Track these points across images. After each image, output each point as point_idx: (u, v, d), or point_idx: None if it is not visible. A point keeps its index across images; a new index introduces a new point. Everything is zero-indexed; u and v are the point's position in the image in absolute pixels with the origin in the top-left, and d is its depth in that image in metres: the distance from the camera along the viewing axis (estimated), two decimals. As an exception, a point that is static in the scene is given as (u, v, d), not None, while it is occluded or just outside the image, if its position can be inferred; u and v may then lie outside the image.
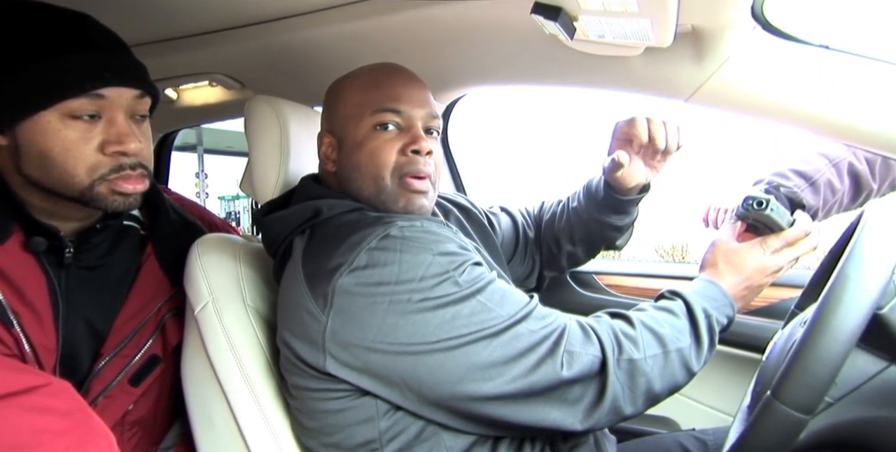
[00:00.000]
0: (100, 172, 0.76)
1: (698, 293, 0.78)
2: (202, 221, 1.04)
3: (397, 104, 0.82)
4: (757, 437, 0.60)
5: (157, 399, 0.93)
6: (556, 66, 1.05)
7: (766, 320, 1.26)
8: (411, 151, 0.81)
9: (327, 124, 0.88)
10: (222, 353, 0.83)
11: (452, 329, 0.68)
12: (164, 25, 1.07)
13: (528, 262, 1.12)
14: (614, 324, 0.73)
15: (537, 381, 0.67)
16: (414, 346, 0.68)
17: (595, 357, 0.68)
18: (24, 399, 0.64)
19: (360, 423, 0.73)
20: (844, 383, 0.61)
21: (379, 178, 0.81)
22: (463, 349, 0.67)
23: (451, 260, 0.71)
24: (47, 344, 0.80)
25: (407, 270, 0.69)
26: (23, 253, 0.79)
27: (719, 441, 0.93)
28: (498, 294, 0.71)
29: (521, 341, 0.68)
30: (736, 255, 0.81)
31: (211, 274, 0.87)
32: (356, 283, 0.70)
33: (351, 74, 0.89)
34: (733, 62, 0.86)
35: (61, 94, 0.72)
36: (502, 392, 0.67)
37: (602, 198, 1.00)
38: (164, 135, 1.74)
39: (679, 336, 0.73)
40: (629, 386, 0.69)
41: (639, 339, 0.71)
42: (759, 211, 0.84)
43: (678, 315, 0.75)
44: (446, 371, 0.67)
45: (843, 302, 0.57)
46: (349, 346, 0.70)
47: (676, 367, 0.71)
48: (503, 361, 0.67)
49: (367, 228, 0.73)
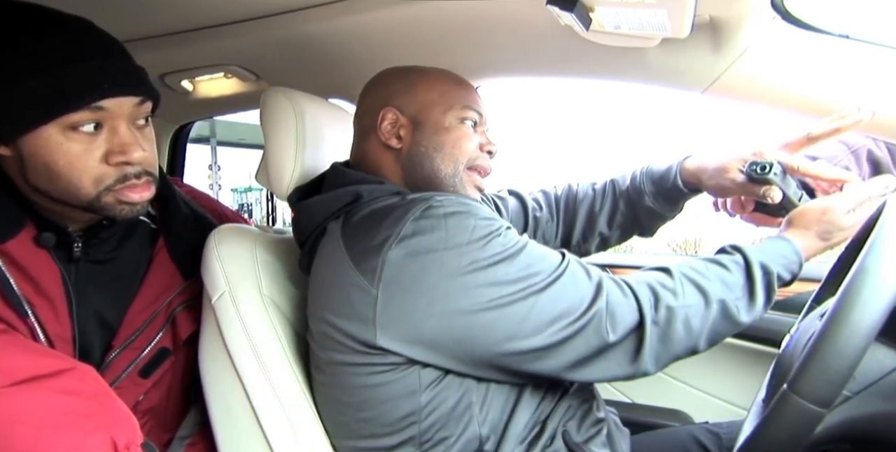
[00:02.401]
0: (105, 183, 0.75)
1: (763, 249, 0.80)
2: (214, 214, 1.04)
3: (479, 108, 0.90)
4: (773, 430, 0.59)
5: (168, 389, 0.94)
6: (571, 57, 1.05)
7: (781, 314, 1.26)
8: (488, 150, 0.90)
9: (393, 102, 0.89)
10: (239, 342, 0.84)
11: (503, 287, 0.71)
12: (181, 17, 1.08)
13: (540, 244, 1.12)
14: (651, 276, 0.76)
15: (583, 333, 0.71)
16: (468, 307, 0.70)
17: (632, 308, 0.71)
18: (53, 382, 0.66)
19: (403, 397, 0.75)
20: (863, 377, 0.60)
21: (458, 163, 0.87)
22: (514, 306, 0.70)
23: (492, 223, 0.74)
24: (63, 334, 0.81)
25: (454, 235, 0.72)
26: (36, 246, 0.79)
27: (733, 435, 0.93)
28: (538, 251, 0.75)
29: (565, 294, 0.72)
30: (827, 219, 0.81)
31: (228, 264, 0.88)
32: (406, 253, 0.72)
33: (420, 66, 0.93)
34: (752, 53, 0.85)
35: (61, 109, 0.71)
36: (550, 343, 0.70)
37: (669, 187, 1.02)
38: (180, 126, 1.75)
39: (726, 288, 0.75)
40: (667, 334, 0.72)
41: (678, 289, 0.74)
42: (762, 175, 0.84)
43: (730, 269, 0.77)
44: (500, 328, 0.71)
45: (862, 295, 0.56)
46: (402, 316, 0.72)
47: (718, 318, 0.74)
48: (551, 314, 0.71)
49: (407, 204, 0.76)
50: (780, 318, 1.23)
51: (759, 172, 0.85)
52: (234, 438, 0.86)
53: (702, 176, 0.97)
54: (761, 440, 0.61)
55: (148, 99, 0.79)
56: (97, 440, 0.65)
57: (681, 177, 1.00)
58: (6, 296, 0.76)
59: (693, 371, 1.34)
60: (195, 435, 0.93)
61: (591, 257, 1.20)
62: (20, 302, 0.77)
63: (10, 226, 0.78)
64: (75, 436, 0.64)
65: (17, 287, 0.77)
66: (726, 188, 0.92)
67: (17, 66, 0.70)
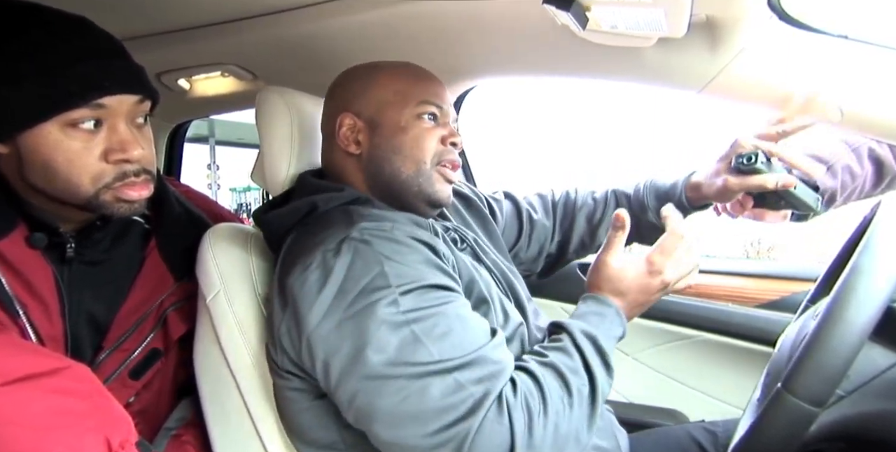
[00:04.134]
0: (104, 181, 0.75)
1: (578, 315, 0.78)
2: (209, 214, 1.04)
3: (438, 100, 0.87)
4: (767, 429, 0.60)
5: (159, 391, 0.94)
6: (567, 57, 1.05)
7: (776, 313, 1.26)
8: (450, 143, 0.87)
9: (351, 106, 0.88)
10: (233, 340, 0.85)
11: (374, 355, 0.64)
12: (178, 16, 1.07)
13: (535, 246, 1.12)
14: (523, 386, 0.66)
15: (443, 446, 0.62)
16: (337, 361, 0.67)
17: (504, 439, 0.62)
18: (47, 381, 0.66)
19: (320, 427, 0.77)
20: (856, 376, 0.61)
21: (421, 162, 0.85)
22: (377, 382, 0.64)
23: (401, 276, 0.68)
24: (55, 335, 0.81)
25: (350, 279, 0.68)
26: (28, 246, 0.79)
27: (729, 433, 0.93)
28: (440, 328, 0.66)
29: (440, 394, 0.62)
30: (617, 277, 0.80)
31: (222, 263, 0.88)
32: (303, 283, 0.71)
33: (380, 64, 0.90)
34: (748, 53, 0.85)
35: (62, 106, 0.71)
36: (404, 445, 0.64)
37: (674, 204, 0.97)
38: (177, 126, 1.75)
39: (575, 376, 0.69)
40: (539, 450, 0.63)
41: (546, 396, 0.66)
42: (749, 165, 0.86)
43: (567, 351, 0.72)
44: (359, 403, 0.65)
45: (856, 294, 0.56)
46: (295, 343, 0.72)
47: (578, 411, 0.67)
48: (412, 414, 0.63)
49: (335, 227, 0.74)
50: (775, 318, 1.24)
51: (745, 163, 0.88)
52: (228, 435, 0.86)
53: (702, 187, 0.98)
54: (756, 438, 0.61)
55: (147, 98, 0.79)
56: (92, 440, 0.64)
57: (685, 195, 1.01)
58: None
59: (689, 370, 1.34)
60: (181, 428, 0.93)
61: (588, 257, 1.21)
62: (12, 303, 0.77)
63: (2, 226, 0.78)
64: (70, 436, 0.63)
65: (9, 287, 0.77)
66: (725, 190, 0.92)
67: (18, 65, 0.71)
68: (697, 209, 1.02)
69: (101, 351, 0.86)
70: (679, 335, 1.35)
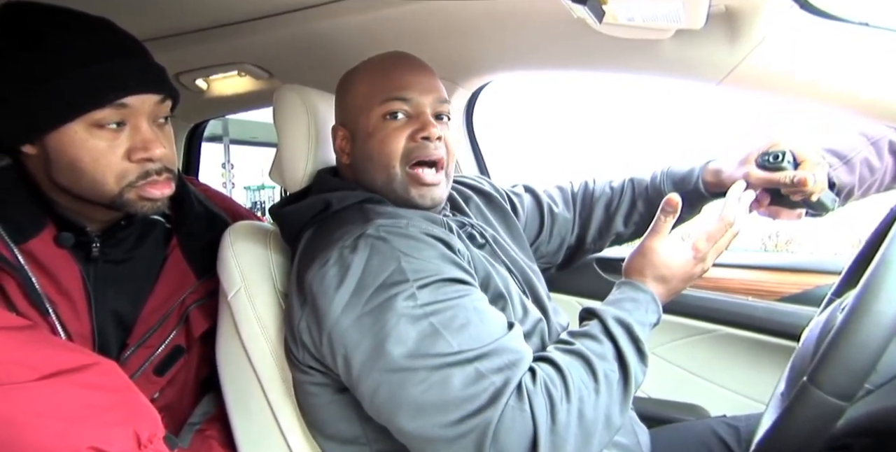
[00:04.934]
0: (128, 179, 0.77)
1: (611, 302, 0.77)
2: (227, 212, 1.05)
3: (404, 92, 0.82)
4: (792, 423, 0.59)
5: (182, 387, 0.95)
6: (583, 51, 1.04)
7: (798, 306, 1.24)
8: (421, 138, 0.81)
9: (340, 117, 0.90)
10: (254, 337, 0.85)
11: (394, 348, 0.65)
12: (195, 16, 1.08)
13: (556, 240, 1.11)
14: (542, 373, 0.66)
15: (461, 441, 0.62)
16: (358, 355, 0.67)
17: (527, 425, 0.62)
18: (76, 376, 0.67)
19: (343, 420, 0.77)
20: (885, 370, 0.59)
21: (389, 167, 0.82)
22: (399, 375, 0.64)
23: (418, 271, 0.68)
24: (83, 332, 0.83)
25: (368, 274, 0.69)
26: (56, 246, 0.81)
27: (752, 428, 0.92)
28: (459, 320, 0.66)
29: (461, 384, 0.63)
30: (664, 264, 0.79)
31: (243, 261, 0.89)
32: (321, 279, 0.71)
33: (358, 66, 0.90)
34: (768, 43, 0.84)
35: (87, 106, 0.73)
36: (427, 436, 0.63)
37: (690, 190, 1.00)
38: (195, 125, 1.77)
39: (603, 362, 0.69)
40: (563, 438, 0.62)
41: (569, 381, 0.65)
42: (775, 163, 0.85)
43: (596, 337, 0.72)
44: (381, 396, 0.65)
45: (885, 287, 0.55)
46: (315, 338, 0.72)
47: (606, 397, 0.67)
48: (434, 404, 0.63)
49: (351, 225, 0.75)
50: (798, 311, 1.22)
51: (771, 162, 0.87)
52: (250, 431, 0.87)
53: (721, 176, 0.97)
54: (781, 433, 0.60)
55: (168, 97, 0.81)
56: (121, 433, 0.66)
57: (702, 181, 1.00)
58: (28, 295, 0.78)
59: (709, 365, 1.33)
60: (204, 423, 0.95)
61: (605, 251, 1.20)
62: (42, 301, 0.79)
63: (33, 225, 0.80)
64: (99, 429, 0.65)
65: (39, 285, 0.79)
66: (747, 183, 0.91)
67: (44, 67, 0.72)
68: (714, 196, 1.01)
69: (126, 348, 0.88)
70: (699, 329, 1.33)
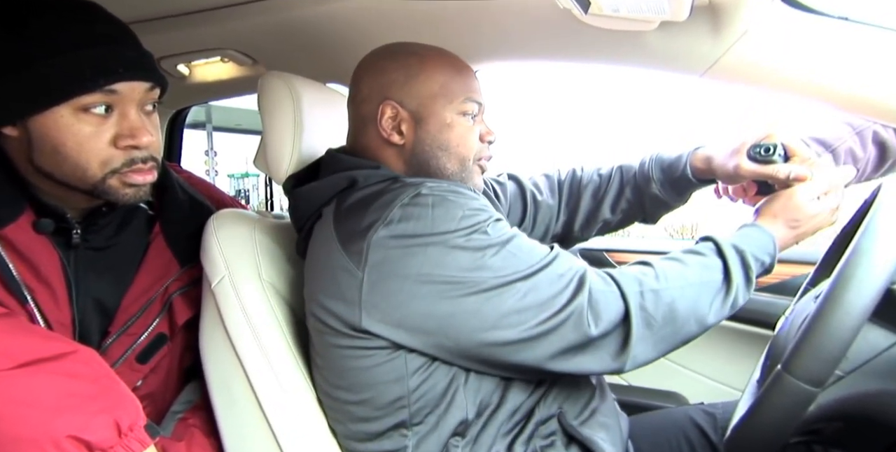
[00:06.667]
0: (112, 166, 0.76)
1: (735, 235, 0.81)
2: (211, 200, 1.04)
3: (479, 97, 0.89)
4: (767, 409, 0.61)
5: (166, 375, 0.95)
6: (569, 42, 1.04)
7: (775, 296, 1.27)
8: (488, 141, 0.90)
9: (393, 95, 0.86)
10: (239, 326, 0.85)
11: (486, 273, 0.71)
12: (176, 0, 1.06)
13: (541, 227, 1.13)
14: (632, 268, 0.76)
15: (563, 327, 0.70)
16: (451, 291, 0.71)
17: (616, 296, 0.71)
18: (55, 364, 0.67)
19: (391, 381, 0.76)
20: (855, 356, 0.61)
21: (465, 160, 0.88)
22: (497, 291, 0.71)
23: (480, 214, 0.75)
24: (63, 320, 0.82)
25: (440, 223, 0.72)
26: (35, 232, 0.80)
27: (728, 415, 0.95)
28: (525, 244, 0.76)
29: (549, 285, 0.72)
30: (806, 212, 0.82)
31: (227, 249, 0.88)
32: (391, 236, 0.73)
33: (419, 50, 0.88)
34: (751, 35, 0.85)
35: (75, 90, 0.72)
36: (532, 335, 0.71)
37: (678, 176, 1.02)
38: (177, 111, 1.74)
39: (706, 271, 0.75)
40: (654, 318, 0.71)
41: (660, 274, 0.74)
42: (766, 156, 0.86)
43: (705, 254, 0.77)
44: (482, 315, 0.71)
45: (856, 276, 0.57)
46: (387, 299, 0.73)
47: (702, 300, 0.73)
48: (534, 305, 0.71)
49: (398, 190, 0.76)
50: (774, 301, 1.25)
51: (762, 154, 0.87)
52: (234, 420, 0.87)
53: (711, 163, 0.98)
54: (756, 418, 0.62)
55: (157, 85, 0.80)
56: (101, 421, 0.66)
57: (690, 167, 1.01)
58: (6, 282, 0.77)
59: (688, 353, 1.35)
60: (188, 411, 0.94)
61: (588, 242, 1.21)
62: (20, 288, 0.78)
63: (10, 211, 0.78)
64: (79, 418, 0.64)
65: (17, 272, 0.78)
66: (735, 174, 0.92)
67: (30, 49, 0.71)
68: (703, 182, 1.02)
69: (108, 336, 0.87)
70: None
